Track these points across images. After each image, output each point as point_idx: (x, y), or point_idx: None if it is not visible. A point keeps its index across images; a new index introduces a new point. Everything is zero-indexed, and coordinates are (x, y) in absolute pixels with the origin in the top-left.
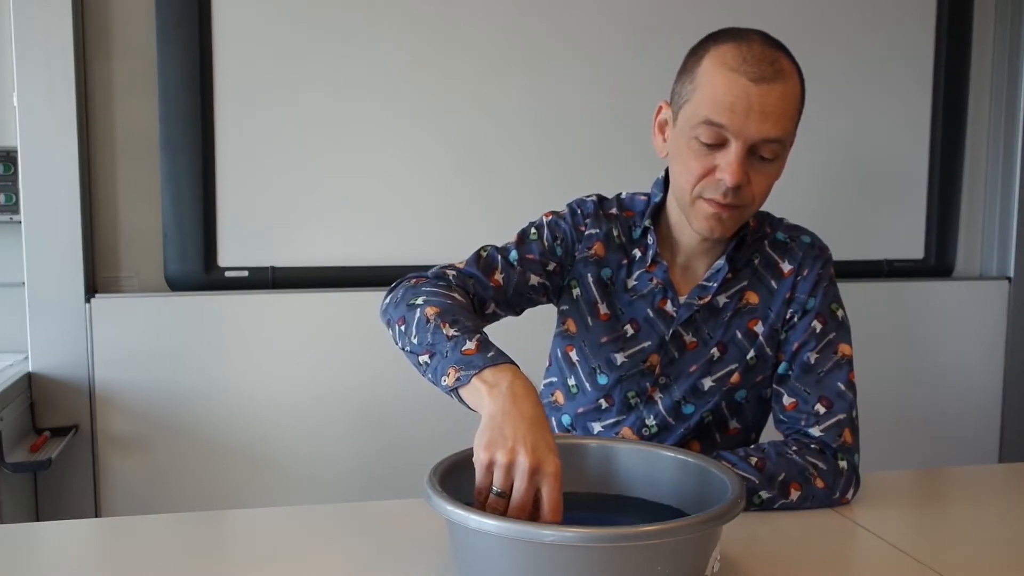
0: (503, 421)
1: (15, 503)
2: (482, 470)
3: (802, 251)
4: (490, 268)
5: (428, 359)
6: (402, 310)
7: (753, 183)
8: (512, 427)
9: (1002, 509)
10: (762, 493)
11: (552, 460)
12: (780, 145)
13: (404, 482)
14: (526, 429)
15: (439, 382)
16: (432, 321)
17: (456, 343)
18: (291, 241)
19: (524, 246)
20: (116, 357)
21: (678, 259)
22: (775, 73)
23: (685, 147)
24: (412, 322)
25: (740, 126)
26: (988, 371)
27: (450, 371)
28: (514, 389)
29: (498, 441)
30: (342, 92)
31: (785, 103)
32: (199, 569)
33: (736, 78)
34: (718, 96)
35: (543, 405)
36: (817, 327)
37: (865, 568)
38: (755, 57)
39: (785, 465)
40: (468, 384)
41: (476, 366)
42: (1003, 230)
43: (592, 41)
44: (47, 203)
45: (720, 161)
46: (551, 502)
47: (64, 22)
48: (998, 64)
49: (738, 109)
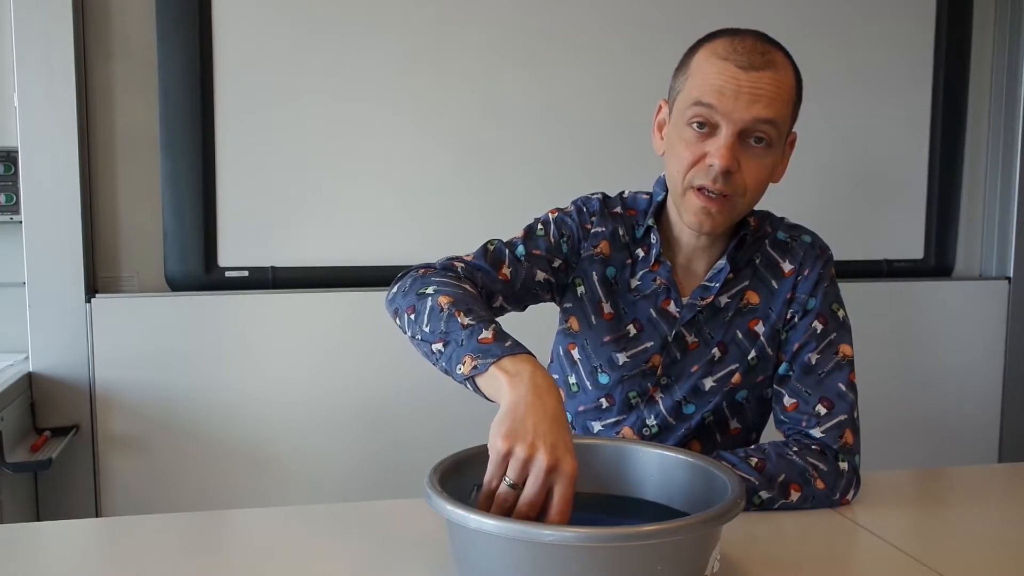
0: (526, 413)
1: (15, 503)
2: (498, 459)
3: (803, 251)
4: (498, 262)
5: (442, 347)
6: (412, 299)
7: (745, 171)
8: (534, 421)
9: (1002, 509)
10: (762, 493)
11: (570, 461)
12: (773, 127)
13: (404, 482)
14: (548, 426)
15: (453, 371)
16: (446, 310)
17: (472, 331)
18: (291, 241)
19: (531, 241)
20: (116, 357)
21: (679, 259)
22: (765, 63)
23: (678, 137)
24: (423, 311)
25: (730, 108)
26: (988, 371)
27: (466, 359)
28: (536, 381)
29: (519, 433)
30: (342, 92)
31: (777, 88)
32: (199, 569)
33: (726, 65)
34: (708, 80)
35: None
36: (818, 327)
37: (865, 568)
38: (746, 48)
39: (785, 466)
40: (486, 372)
41: (494, 354)
42: (1003, 230)
43: (592, 41)
44: (47, 203)
45: (710, 147)
46: (561, 503)
47: (64, 22)
48: (998, 64)
49: (727, 92)
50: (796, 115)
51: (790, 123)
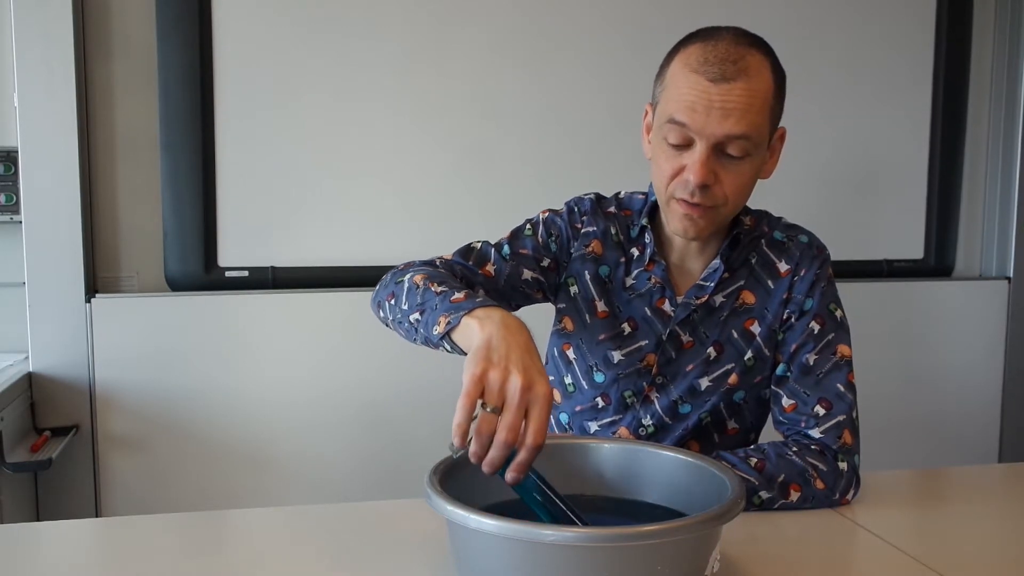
0: (497, 344)
1: (15, 503)
2: (473, 382)
3: (799, 251)
4: (482, 260)
5: (419, 316)
6: (390, 288)
7: (724, 182)
8: (506, 348)
9: (1002, 509)
10: (762, 493)
11: (544, 383)
12: (748, 142)
13: (404, 482)
14: (519, 353)
15: (431, 335)
16: (421, 285)
17: (445, 296)
18: (291, 241)
19: (518, 241)
20: (116, 357)
21: (673, 258)
22: (737, 72)
23: (659, 148)
24: (401, 293)
25: (701, 125)
26: (988, 371)
27: (440, 320)
28: (506, 321)
29: (492, 359)
30: (342, 92)
31: (749, 99)
32: (199, 569)
33: (697, 79)
34: (680, 96)
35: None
36: (815, 328)
37: (865, 568)
38: (718, 57)
39: (785, 466)
40: (458, 325)
41: (465, 308)
42: (1003, 230)
43: (592, 41)
44: (47, 203)
45: (687, 161)
46: (538, 423)
47: (64, 22)
48: (998, 64)
49: (699, 108)
50: (780, 112)
51: (770, 126)
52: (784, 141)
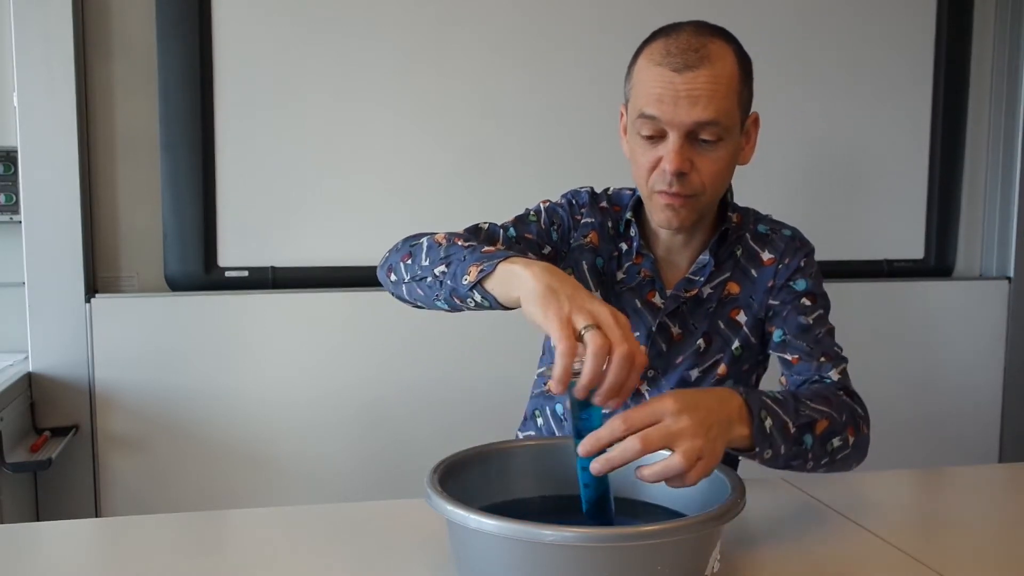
0: (559, 286)
1: (15, 503)
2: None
3: (784, 243)
4: (491, 239)
5: (445, 268)
6: (404, 250)
7: (701, 170)
8: (571, 288)
9: (1002, 509)
10: (835, 441)
11: (622, 314)
12: (718, 127)
13: (404, 482)
14: (583, 291)
15: (458, 285)
16: (444, 242)
17: (474, 248)
18: (291, 241)
19: (523, 226)
20: (116, 357)
21: (659, 252)
22: (699, 60)
23: (635, 144)
24: (420, 252)
25: (671, 115)
26: (988, 371)
27: (471, 269)
28: (550, 268)
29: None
30: (342, 92)
31: (714, 85)
32: (199, 569)
33: (661, 71)
34: (648, 91)
35: (537, 396)
36: (807, 303)
37: (865, 568)
38: (679, 48)
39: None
40: (493, 272)
41: (499, 256)
42: (1003, 230)
43: (592, 41)
44: (47, 203)
45: (663, 152)
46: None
47: (64, 22)
48: (998, 64)
49: (666, 99)
50: (749, 97)
51: (741, 110)
52: (759, 126)
